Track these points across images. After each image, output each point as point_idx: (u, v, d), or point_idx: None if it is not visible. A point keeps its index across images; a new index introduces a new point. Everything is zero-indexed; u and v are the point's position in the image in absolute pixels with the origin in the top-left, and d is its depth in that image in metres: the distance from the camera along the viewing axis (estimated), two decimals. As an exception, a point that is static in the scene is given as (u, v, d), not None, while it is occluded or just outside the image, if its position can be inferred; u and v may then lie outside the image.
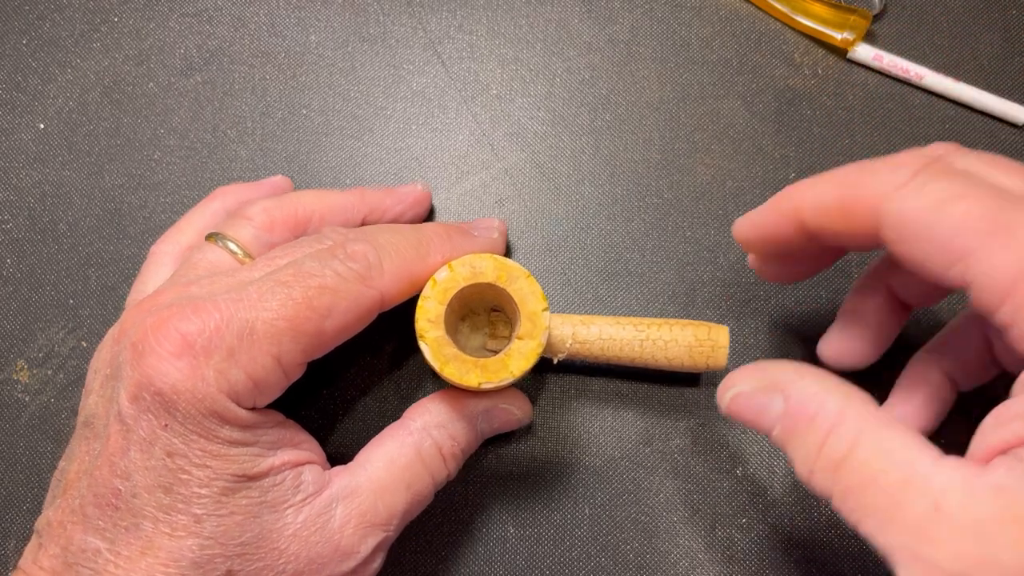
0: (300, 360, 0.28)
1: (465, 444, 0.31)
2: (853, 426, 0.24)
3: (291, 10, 0.41)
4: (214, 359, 0.26)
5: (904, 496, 0.22)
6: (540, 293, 0.29)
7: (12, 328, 0.37)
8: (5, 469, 0.36)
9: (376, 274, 0.28)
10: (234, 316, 0.26)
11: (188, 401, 0.25)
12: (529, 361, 0.29)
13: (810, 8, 0.40)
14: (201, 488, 0.26)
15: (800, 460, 0.25)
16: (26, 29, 0.41)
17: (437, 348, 0.29)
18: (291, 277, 0.27)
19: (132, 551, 0.25)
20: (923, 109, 0.40)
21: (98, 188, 0.39)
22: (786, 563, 0.35)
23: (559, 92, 0.40)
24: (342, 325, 0.28)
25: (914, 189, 0.24)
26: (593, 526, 0.35)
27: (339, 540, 0.28)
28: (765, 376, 0.27)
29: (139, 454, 0.26)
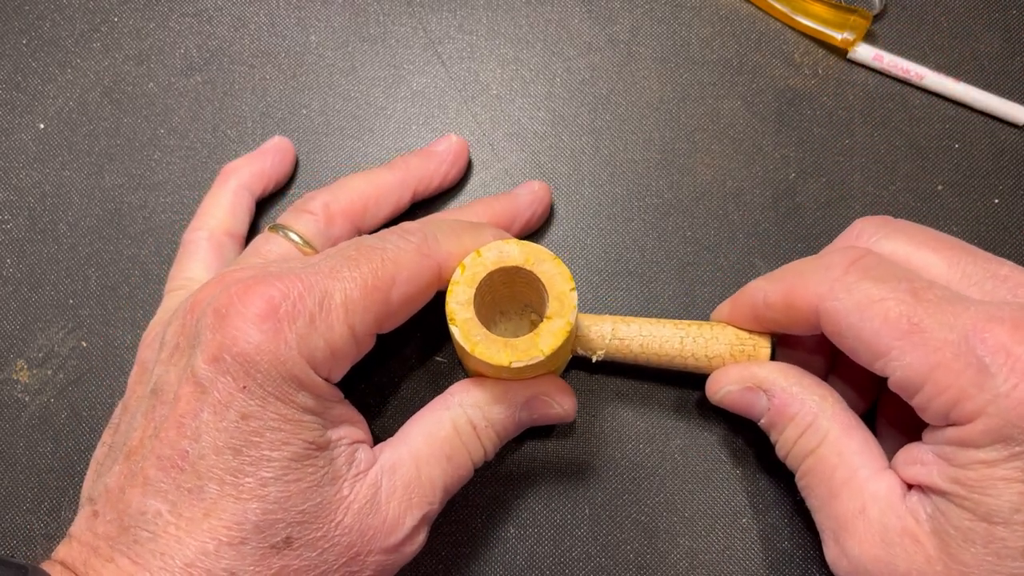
0: (372, 330, 0.29)
1: (501, 428, 0.31)
2: (824, 426, 0.30)
3: (291, 10, 0.41)
4: (297, 324, 0.26)
5: (841, 491, 0.29)
6: (567, 274, 0.29)
7: (12, 328, 0.37)
8: (5, 469, 0.36)
9: (433, 245, 0.29)
10: (315, 285, 0.27)
11: (270, 363, 0.26)
12: (558, 339, 0.29)
13: (810, 8, 0.40)
14: (273, 451, 0.26)
15: (779, 445, 0.32)
16: (26, 29, 0.41)
17: (467, 330, 0.29)
18: (355, 252, 0.28)
19: (195, 512, 0.26)
20: (923, 109, 0.40)
21: (98, 188, 0.39)
22: (786, 563, 0.35)
23: (559, 92, 0.40)
24: (406, 294, 0.29)
25: (843, 290, 0.28)
26: (593, 526, 0.35)
27: (386, 512, 0.28)
28: (752, 377, 0.32)
29: (212, 416, 0.26)
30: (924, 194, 0.39)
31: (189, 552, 0.25)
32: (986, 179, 0.39)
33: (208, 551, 0.25)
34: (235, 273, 0.29)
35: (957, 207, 0.38)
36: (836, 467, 0.29)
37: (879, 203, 0.38)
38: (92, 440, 0.36)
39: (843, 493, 0.29)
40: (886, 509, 0.27)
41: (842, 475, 0.29)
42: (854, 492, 0.28)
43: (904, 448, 0.29)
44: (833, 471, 0.29)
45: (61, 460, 0.36)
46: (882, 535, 0.27)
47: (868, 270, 0.28)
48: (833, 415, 0.30)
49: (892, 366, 0.27)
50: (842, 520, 0.28)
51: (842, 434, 0.30)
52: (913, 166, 0.39)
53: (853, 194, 0.39)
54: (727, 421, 0.36)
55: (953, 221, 0.38)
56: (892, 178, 0.39)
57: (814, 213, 0.38)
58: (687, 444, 0.36)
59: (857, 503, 0.28)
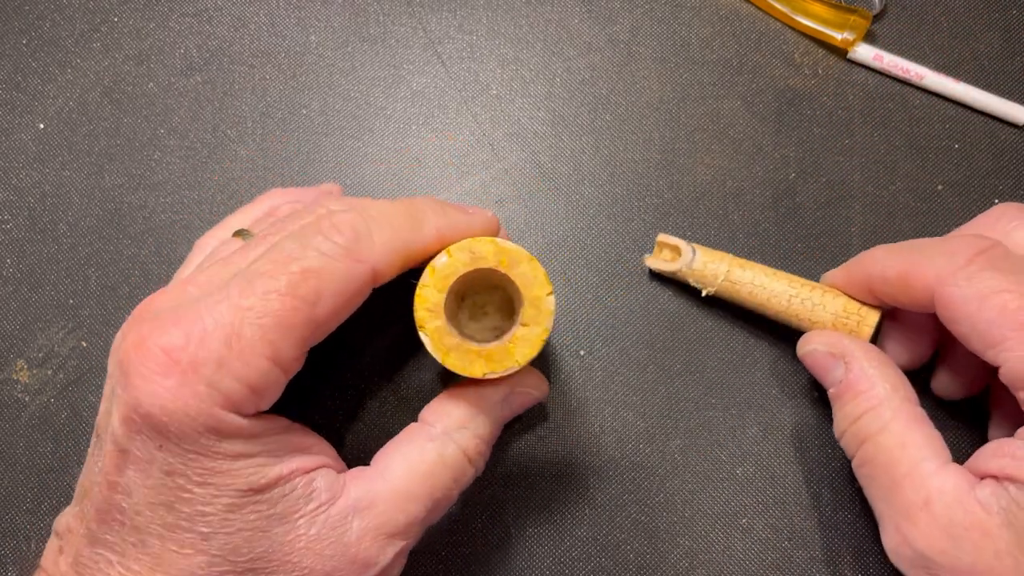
0: (296, 354, 0.26)
1: (490, 437, 0.30)
2: (887, 414, 0.30)
3: (291, 10, 0.41)
4: (203, 372, 0.24)
5: (904, 483, 0.28)
6: (544, 277, 0.28)
7: (12, 328, 0.37)
8: (4, 469, 0.36)
9: (366, 247, 0.26)
10: (218, 321, 0.24)
11: (180, 421, 0.24)
12: (535, 348, 0.28)
13: (810, 8, 0.40)
14: (205, 506, 0.25)
15: (838, 420, 0.32)
16: (26, 29, 0.41)
17: (438, 338, 0.27)
18: (271, 265, 0.25)
19: (142, 566, 0.25)
20: (923, 109, 0.40)
21: (98, 188, 0.39)
22: (786, 564, 0.35)
23: (559, 92, 0.40)
24: (333, 309, 0.26)
25: (964, 278, 0.28)
26: (593, 526, 0.35)
27: (356, 552, 0.26)
28: (838, 344, 0.32)
29: (136, 473, 0.25)
30: (924, 194, 0.39)
31: None
32: (986, 179, 0.39)
33: None
34: (154, 302, 0.27)
35: (957, 207, 0.38)
36: (899, 458, 0.29)
37: (879, 203, 0.38)
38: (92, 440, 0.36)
39: (906, 484, 0.28)
40: (952, 503, 0.27)
41: (905, 466, 0.29)
42: (917, 484, 0.28)
43: (993, 442, 0.29)
44: (896, 462, 0.29)
45: (61, 460, 0.36)
46: (948, 528, 0.27)
47: (993, 261, 0.28)
48: (899, 406, 0.30)
49: (1004, 356, 0.27)
50: (905, 511, 0.28)
51: (906, 426, 0.29)
52: (913, 166, 0.39)
53: (853, 194, 0.39)
54: (727, 421, 0.36)
55: (953, 221, 0.38)
56: (892, 178, 0.39)
57: (814, 213, 0.38)
58: (687, 444, 0.36)
59: (921, 495, 0.28)
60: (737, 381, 0.37)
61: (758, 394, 0.36)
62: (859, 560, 0.34)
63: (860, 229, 0.38)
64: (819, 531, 0.35)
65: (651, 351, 0.37)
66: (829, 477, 0.35)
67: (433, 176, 0.39)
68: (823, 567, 0.35)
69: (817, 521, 0.35)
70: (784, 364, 0.37)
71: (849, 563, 0.34)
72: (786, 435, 0.36)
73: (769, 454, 0.36)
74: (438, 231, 0.28)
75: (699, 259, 0.35)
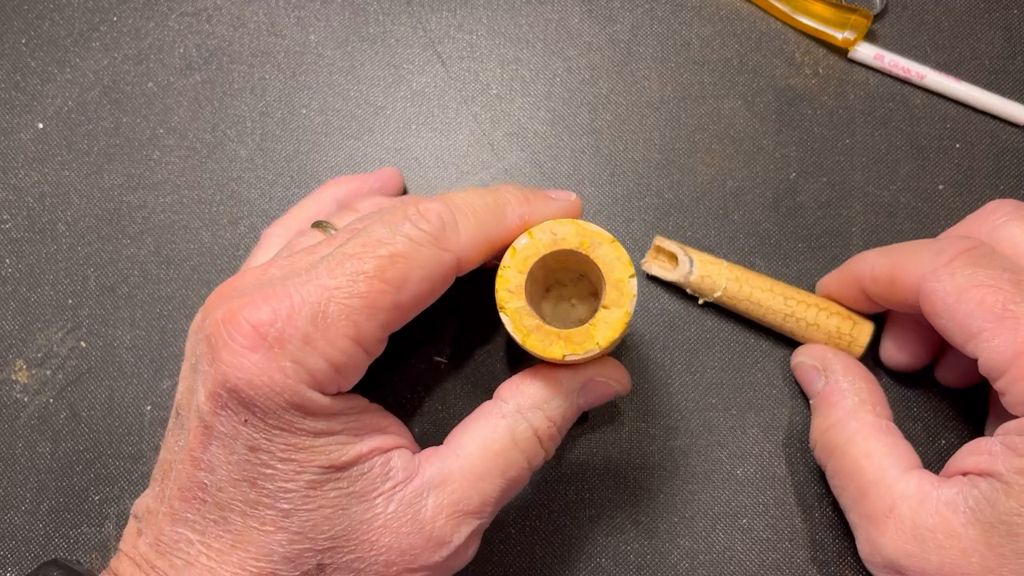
0: (379, 336, 0.26)
1: (562, 423, 0.30)
2: (852, 426, 0.31)
3: (290, 9, 0.41)
4: (289, 348, 0.24)
5: (870, 491, 0.30)
6: (626, 259, 0.27)
7: (11, 328, 0.37)
8: (3, 469, 0.36)
9: (451, 235, 0.27)
10: (306, 300, 0.25)
11: (266, 396, 0.24)
12: (616, 331, 0.27)
13: (811, 8, 0.40)
14: (287, 483, 0.25)
15: (811, 431, 0.34)
16: (25, 28, 0.41)
17: (518, 319, 0.27)
18: (360, 248, 0.26)
19: (223, 544, 0.25)
20: (924, 109, 0.39)
21: (97, 188, 0.39)
22: (786, 564, 0.35)
23: (559, 92, 0.40)
24: (418, 294, 0.26)
25: (946, 273, 0.28)
26: (593, 526, 0.35)
27: (431, 530, 0.27)
28: (822, 358, 0.34)
29: (220, 449, 0.25)
30: (925, 194, 0.39)
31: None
32: (987, 179, 0.39)
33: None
34: (238, 280, 0.27)
35: (958, 207, 0.38)
36: (865, 468, 0.30)
37: (880, 203, 0.38)
38: (91, 440, 0.36)
39: (872, 492, 0.30)
40: (916, 506, 0.28)
41: (871, 475, 0.30)
42: (883, 491, 0.29)
43: (971, 442, 0.29)
44: (862, 471, 0.30)
45: (60, 460, 0.36)
46: (914, 531, 0.28)
47: (976, 258, 0.29)
48: (863, 418, 0.31)
49: (981, 348, 0.28)
50: (873, 518, 0.29)
51: (870, 436, 0.31)
52: (914, 166, 0.39)
53: (854, 194, 0.39)
54: (727, 422, 0.36)
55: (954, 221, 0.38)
56: (893, 178, 0.39)
57: (815, 213, 0.38)
58: (687, 444, 0.36)
59: (887, 501, 0.29)
60: (737, 382, 0.37)
61: (759, 395, 0.36)
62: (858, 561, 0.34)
63: (861, 229, 0.38)
64: (819, 532, 0.35)
65: (651, 351, 0.37)
66: (829, 478, 0.35)
67: (433, 176, 0.39)
68: (823, 568, 0.35)
69: (817, 522, 0.35)
70: (784, 365, 0.37)
71: (850, 564, 0.34)
72: (786, 436, 0.36)
73: (770, 455, 0.36)
74: (521, 219, 0.28)
75: (696, 272, 0.35)
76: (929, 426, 0.36)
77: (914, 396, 0.36)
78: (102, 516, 0.35)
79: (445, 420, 0.36)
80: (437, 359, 0.37)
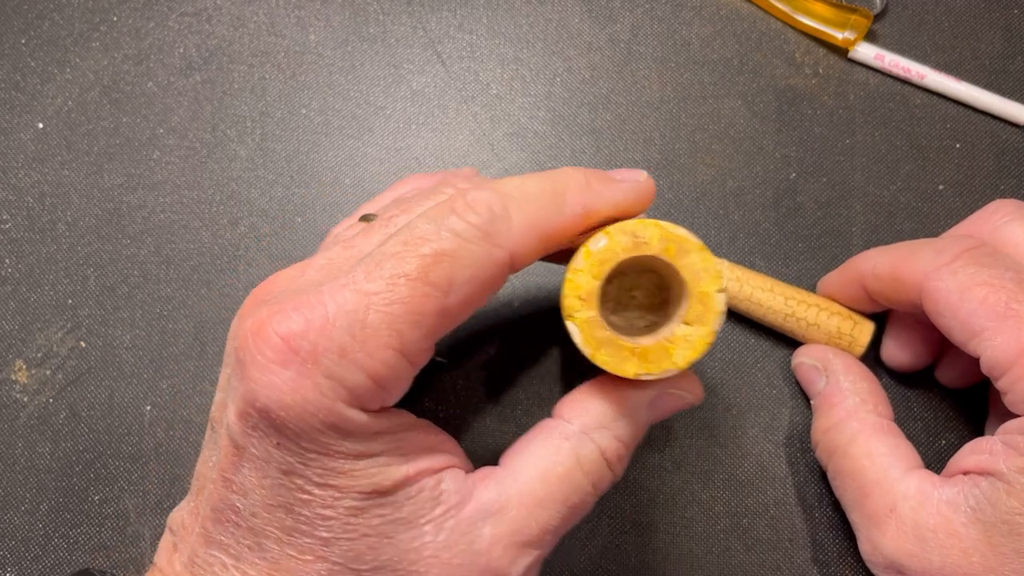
0: (425, 345, 0.23)
1: (631, 441, 0.27)
2: (854, 426, 0.31)
3: (290, 9, 0.41)
4: (325, 363, 0.22)
5: (871, 491, 0.30)
6: (715, 271, 0.25)
7: (11, 328, 0.37)
8: (3, 469, 0.36)
9: (503, 228, 0.23)
10: (342, 307, 0.22)
11: (299, 417, 0.22)
12: (697, 352, 0.24)
13: (811, 7, 0.40)
14: (325, 509, 0.23)
15: (812, 432, 0.34)
16: (25, 28, 0.41)
17: (588, 331, 0.24)
18: (402, 247, 0.23)
19: (259, 572, 0.23)
20: (924, 109, 0.39)
21: (97, 188, 0.39)
22: (786, 564, 0.35)
23: (559, 92, 0.40)
24: (467, 296, 0.23)
25: (949, 272, 0.28)
26: (593, 527, 0.35)
27: (487, 562, 0.24)
28: (823, 358, 0.34)
29: (253, 472, 0.23)
30: (925, 194, 0.38)
31: None
32: (988, 179, 0.39)
33: None
34: (272, 284, 0.25)
35: (959, 207, 0.38)
36: (866, 468, 0.30)
37: (880, 203, 0.38)
38: (91, 440, 0.36)
39: (874, 493, 0.30)
40: (917, 506, 0.28)
41: (872, 476, 0.30)
42: (884, 492, 0.29)
43: (972, 441, 0.29)
44: (863, 471, 0.30)
45: (60, 461, 0.36)
46: (915, 531, 0.28)
47: (978, 258, 0.29)
48: (864, 418, 0.31)
49: (983, 346, 0.28)
50: (874, 519, 0.29)
51: (871, 437, 0.31)
52: (914, 166, 0.39)
53: (854, 194, 0.38)
54: (728, 422, 0.36)
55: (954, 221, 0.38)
56: (893, 178, 0.39)
57: (815, 213, 0.38)
58: (687, 444, 0.36)
59: (888, 501, 0.29)
60: (738, 382, 0.36)
61: (759, 395, 0.36)
62: (859, 562, 0.34)
63: (861, 229, 0.38)
64: (820, 532, 0.35)
65: (651, 351, 0.37)
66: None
67: (433, 176, 0.39)
68: (824, 568, 0.34)
69: (818, 522, 0.35)
70: (785, 365, 0.37)
71: (850, 564, 0.34)
72: (787, 436, 0.36)
73: (770, 455, 0.36)
74: (584, 208, 0.25)
75: None
76: (929, 426, 0.36)
77: (914, 396, 0.36)
78: (102, 516, 0.35)
79: (445, 421, 0.36)
80: (437, 359, 0.37)
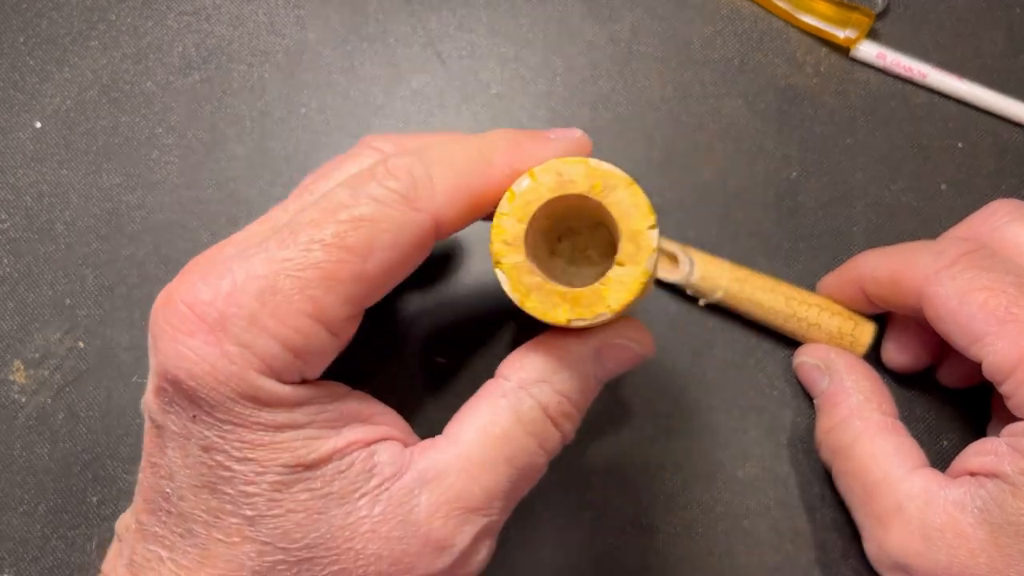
0: (346, 313, 0.23)
1: (577, 397, 0.26)
2: (857, 425, 0.31)
3: (290, 8, 0.41)
4: (233, 330, 0.21)
5: (876, 491, 0.29)
6: (646, 206, 0.24)
7: (9, 328, 0.37)
8: (1, 470, 0.35)
9: (424, 192, 0.23)
10: (251, 274, 0.22)
11: (211, 386, 0.21)
12: (632, 293, 0.23)
13: (813, 6, 0.40)
14: (248, 486, 0.22)
15: (816, 431, 0.33)
16: (23, 27, 0.41)
17: (516, 277, 0.23)
18: (319, 214, 0.22)
19: (190, 560, 0.22)
20: (926, 108, 0.39)
21: (96, 187, 0.39)
22: (789, 566, 0.34)
23: (559, 91, 0.40)
24: (388, 262, 0.23)
25: (948, 277, 0.28)
26: (593, 528, 0.35)
27: (427, 532, 0.23)
28: (826, 358, 0.34)
29: (176, 452, 0.22)
30: (927, 193, 0.38)
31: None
32: (990, 178, 0.39)
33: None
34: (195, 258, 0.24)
35: (960, 206, 0.38)
36: (871, 467, 0.30)
37: (882, 202, 0.38)
38: (89, 441, 0.36)
39: (878, 492, 0.29)
40: (923, 506, 0.28)
41: (877, 475, 0.30)
42: (889, 491, 0.29)
43: (977, 441, 0.29)
44: (867, 471, 0.30)
45: (58, 462, 0.36)
46: (921, 531, 0.28)
47: (978, 261, 0.29)
48: (869, 416, 0.31)
49: (985, 351, 0.27)
50: (880, 518, 0.29)
51: (876, 436, 0.30)
52: (916, 165, 0.39)
53: (856, 193, 0.38)
54: (729, 423, 0.36)
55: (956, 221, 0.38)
56: (895, 177, 0.39)
57: (816, 212, 0.38)
58: (688, 445, 0.36)
59: (893, 501, 0.29)
60: (739, 383, 0.36)
61: (760, 396, 0.36)
62: (862, 562, 0.34)
63: (863, 228, 0.38)
64: (822, 533, 0.35)
65: (652, 352, 0.37)
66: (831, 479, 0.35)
67: (433, 175, 0.39)
68: (827, 569, 0.34)
69: (820, 523, 0.35)
70: (786, 366, 0.36)
71: (852, 565, 0.34)
72: (789, 437, 0.36)
73: (771, 456, 0.36)
74: (512, 169, 0.24)
75: (696, 273, 0.35)
76: (931, 427, 0.36)
77: (915, 397, 0.36)
78: (100, 517, 0.35)
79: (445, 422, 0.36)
80: (437, 359, 0.37)
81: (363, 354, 0.37)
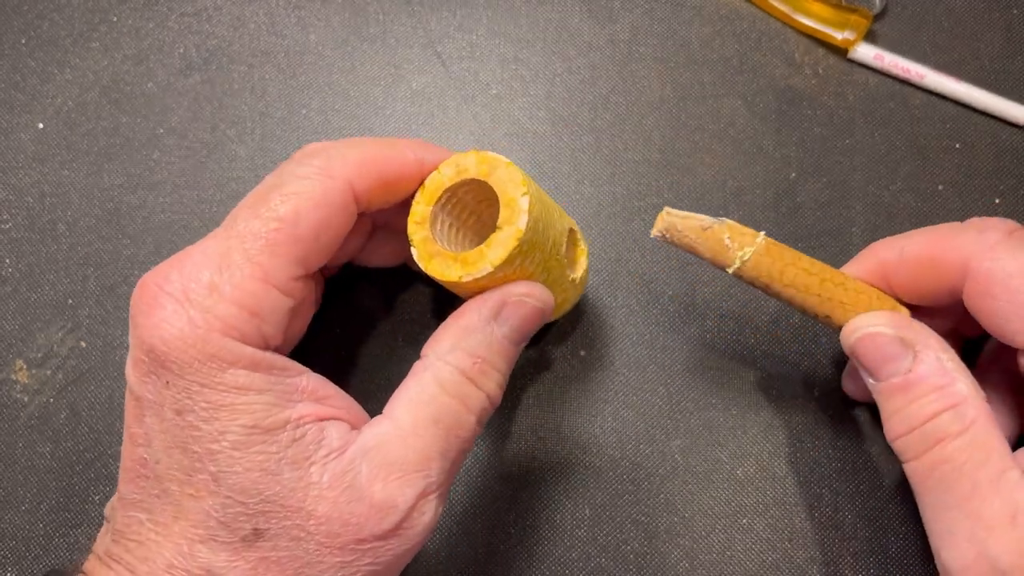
0: (292, 274, 0.27)
1: (490, 355, 0.29)
2: (971, 413, 0.26)
3: (290, 9, 0.41)
4: (195, 298, 0.25)
5: (987, 493, 0.26)
6: (519, 179, 0.28)
7: (11, 328, 0.37)
8: (3, 469, 0.36)
9: (338, 163, 0.28)
10: (207, 252, 0.26)
11: (180, 349, 0.25)
12: (507, 249, 0.27)
13: (811, 8, 0.40)
14: (212, 444, 0.25)
15: (900, 419, 0.27)
16: (25, 28, 0.41)
17: (423, 248, 0.29)
18: (253, 199, 0.27)
19: (166, 517, 0.25)
20: (924, 109, 0.40)
21: (97, 188, 0.39)
22: (786, 564, 0.35)
23: (559, 92, 0.40)
24: (317, 223, 0.27)
25: (1007, 251, 0.26)
26: (593, 526, 0.35)
27: (371, 495, 0.26)
28: (907, 330, 0.28)
29: (153, 419, 0.25)
30: (925, 194, 0.39)
31: (167, 554, 0.25)
32: (987, 179, 0.39)
33: (183, 552, 0.25)
34: None
35: (958, 207, 0.38)
36: (982, 464, 0.26)
37: (880, 203, 0.38)
38: (91, 440, 0.36)
39: (990, 494, 0.26)
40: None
41: (989, 473, 0.26)
42: (1003, 495, 0.26)
43: None
44: (978, 467, 0.26)
45: (60, 461, 0.36)
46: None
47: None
48: (981, 407, 0.27)
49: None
50: (988, 522, 0.26)
51: (992, 427, 0.27)
52: (914, 166, 0.39)
53: (854, 194, 0.39)
54: (727, 422, 0.36)
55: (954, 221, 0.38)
56: (893, 178, 0.39)
57: (815, 213, 0.38)
58: (687, 444, 0.36)
59: (1007, 508, 0.26)
60: (737, 381, 0.37)
61: (759, 394, 0.36)
62: (859, 561, 0.34)
63: (861, 229, 0.38)
64: (819, 531, 0.35)
65: (651, 351, 0.37)
66: (829, 477, 0.35)
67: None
68: (823, 567, 0.34)
69: (817, 521, 0.35)
70: (785, 365, 0.37)
71: (849, 564, 0.34)
72: (786, 435, 0.36)
73: (769, 454, 0.36)
74: (416, 157, 0.29)
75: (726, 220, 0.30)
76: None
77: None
78: (102, 516, 0.35)
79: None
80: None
81: (348, 346, 0.37)
